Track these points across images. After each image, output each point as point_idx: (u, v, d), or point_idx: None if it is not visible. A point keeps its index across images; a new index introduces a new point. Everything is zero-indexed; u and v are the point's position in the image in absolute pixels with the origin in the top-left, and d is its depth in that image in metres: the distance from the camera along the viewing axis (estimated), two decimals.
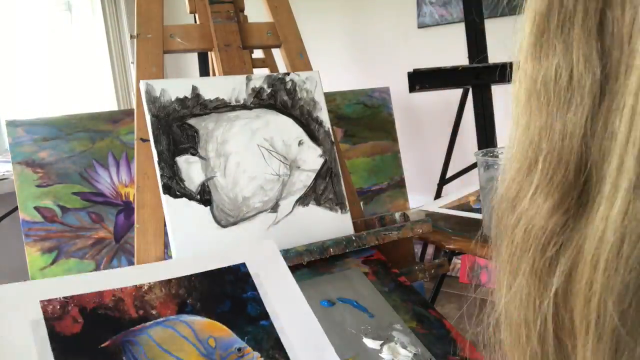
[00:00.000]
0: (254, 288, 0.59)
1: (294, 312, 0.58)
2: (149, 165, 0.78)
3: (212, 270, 0.59)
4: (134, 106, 0.82)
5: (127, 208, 1.09)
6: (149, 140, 0.78)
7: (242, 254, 0.62)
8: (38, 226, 1.00)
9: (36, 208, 1.00)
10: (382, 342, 0.66)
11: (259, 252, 0.63)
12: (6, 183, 2.00)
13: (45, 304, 0.51)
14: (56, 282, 0.55)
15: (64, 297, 0.52)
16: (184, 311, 0.56)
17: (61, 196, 1.03)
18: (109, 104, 2.86)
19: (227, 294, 0.58)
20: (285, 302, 0.58)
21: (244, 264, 0.61)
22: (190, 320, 0.56)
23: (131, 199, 1.09)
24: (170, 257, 0.76)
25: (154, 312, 0.55)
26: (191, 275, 0.58)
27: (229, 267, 0.60)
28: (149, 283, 0.57)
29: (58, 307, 0.51)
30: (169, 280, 0.57)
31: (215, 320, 0.56)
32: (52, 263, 0.99)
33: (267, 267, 0.61)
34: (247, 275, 0.60)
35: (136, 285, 0.56)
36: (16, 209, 1.02)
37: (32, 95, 2.59)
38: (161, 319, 0.55)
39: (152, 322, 0.55)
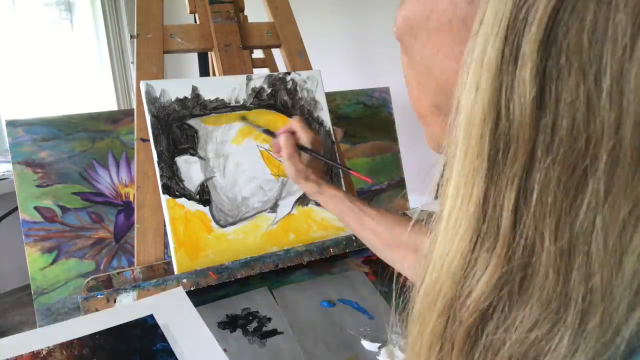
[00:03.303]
0: (164, 339, 0.56)
1: (207, 357, 0.56)
2: (149, 165, 0.78)
3: (117, 326, 0.57)
4: (134, 106, 0.82)
5: (127, 208, 1.08)
6: (149, 140, 0.78)
7: (149, 305, 0.60)
8: (38, 226, 1.00)
9: (36, 208, 1.00)
10: (380, 344, 0.66)
11: (167, 301, 0.61)
12: (6, 183, 2.00)
13: None
14: None
15: None
16: None
17: (61, 196, 1.03)
18: (109, 104, 2.86)
19: (135, 349, 0.55)
20: (198, 348, 0.56)
21: (151, 316, 0.58)
22: None
23: (131, 199, 1.09)
24: (170, 257, 0.76)
25: None
26: (95, 333, 0.55)
27: (136, 320, 0.58)
28: (48, 347, 0.53)
29: None
30: (71, 342, 0.54)
31: None
32: (52, 263, 0.99)
33: (177, 316, 0.59)
34: (156, 326, 0.57)
35: (33, 352, 0.52)
36: (16, 209, 1.02)
37: (32, 95, 2.59)
38: None
39: None
